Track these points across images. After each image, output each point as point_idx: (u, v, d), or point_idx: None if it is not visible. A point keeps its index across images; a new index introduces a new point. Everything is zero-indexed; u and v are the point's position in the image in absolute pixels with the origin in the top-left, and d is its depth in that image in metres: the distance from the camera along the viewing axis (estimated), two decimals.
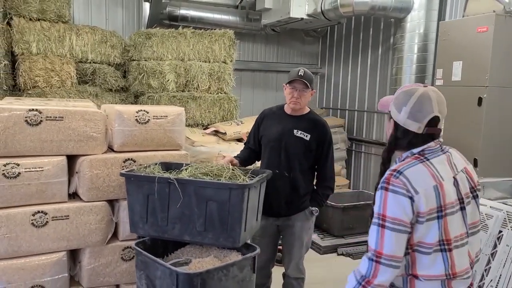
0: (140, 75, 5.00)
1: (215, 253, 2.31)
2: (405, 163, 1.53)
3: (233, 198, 2.16)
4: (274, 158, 2.70)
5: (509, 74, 3.94)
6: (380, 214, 1.49)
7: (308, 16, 5.42)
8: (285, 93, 2.71)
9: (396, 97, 1.60)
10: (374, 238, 1.50)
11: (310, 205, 2.78)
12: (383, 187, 1.50)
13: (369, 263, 1.51)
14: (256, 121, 2.88)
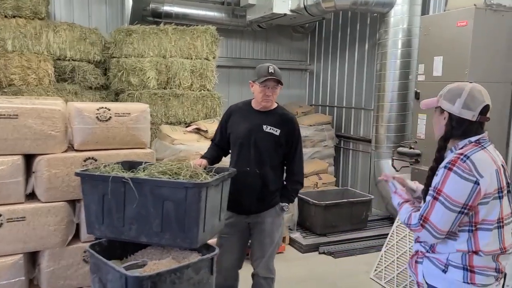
0: (120, 72, 4.92)
1: (174, 255, 2.25)
2: (469, 149, 1.69)
3: (190, 198, 2.09)
4: (244, 155, 2.64)
5: (488, 68, 3.87)
6: (437, 189, 1.66)
7: (292, 12, 5.34)
8: (253, 90, 2.64)
9: (447, 92, 1.78)
10: (424, 207, 1.69)
11: (280, 201, 2.75)
12: (447, 167, 1.65)
13: (417, 221, 1.70)
14: (223, 117, 2.82)
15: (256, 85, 2.59)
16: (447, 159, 1.69)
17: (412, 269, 1.87)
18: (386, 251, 3.78)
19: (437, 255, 1.74)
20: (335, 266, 4.11)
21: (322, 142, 6.40)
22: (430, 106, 1.86)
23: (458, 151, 1.69)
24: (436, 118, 1.83)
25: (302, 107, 6.84)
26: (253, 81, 2.63)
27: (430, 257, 1.77)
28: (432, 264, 1.75)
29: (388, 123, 5.05)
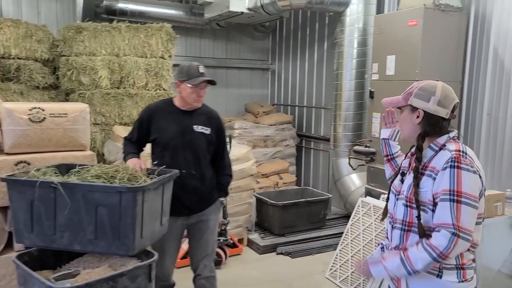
0: (69, 71, 4.72)
1: (112, 262, 2.14)
2: (459, 145, 1.67)
3: (125, 202, 1.99)
4: (178, 158, 2.56)
5: (437, 67, 3.93)
6: (455, 191, 1.56)
7: (249, 10, 5.28)
8: (181, 90, 2.56)
9: (419, 90, 1.73)
10: (448, 214, 1.56)
11: (218, 196, 2.79)
12: (454, 166, 1.58)
13: (451, 237, 1.54)
14: (142, 117, 2.65)
15: (186, 86, 2.51)
16: (443, 158, 1.62)
17: (393, 280, 1.78)
18: (340, 250, 3.77)
19: None
20: (292, 266, 4.08)
21: (283, 142, 6.38)
22: (396, 104, 1.80)
23: (453, 149, 1.64)
24: (406, 116, 1.76)
25: (264, 107, 6.81)
26: (181, 81, 2.54)
27: None
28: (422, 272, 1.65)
29: (345, 122, 5.07)
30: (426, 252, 1.58)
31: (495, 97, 3.99)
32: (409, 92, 1.77)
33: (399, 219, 1.74)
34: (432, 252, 1.56)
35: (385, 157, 2.13)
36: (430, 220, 1.64)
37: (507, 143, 3.90)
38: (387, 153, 2.11)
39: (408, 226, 1.71)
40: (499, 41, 3.92)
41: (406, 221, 1.71)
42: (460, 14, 4.05)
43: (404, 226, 1.73)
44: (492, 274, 3.53)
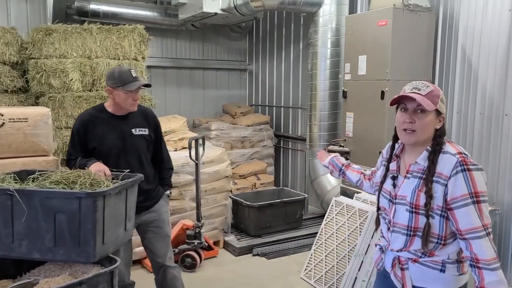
0: (39, 74, 4.61)
1: (73, 270, 2.09)
2: (456, 147, 1.70)
3: (84, 208, 1.94)
4: (120, 164, 2.52)
5: (407, 67, 3.98)
6: (473, 193, 1.59)
7: (223, 11, 5.25)
8: (114, 96, 2.55)
9: (439, 93, 1.71)
10: (476, 217, 1.59)
11: (164, 190, 2.89)
12: (464, 169, 1.61)
13: (488, 239, 1.59)
14: (78, 129, 2.59)
15: (120, 91, 2.52)
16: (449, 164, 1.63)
17: (398, 278, 1.79)
18: (315, 250, 3.78)
19: (434, 257, 1.70)
20: (268, 267, 4.07)
21: (261, 142, 6.38)
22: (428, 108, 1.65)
23: (454, 152, 1.65)
24: (431, 120, 1.68)
25: (241, 107, 6.79)
26: (114, 87, 2.53)
27: (423, 261, 1.72)
28: (426, 267, 1.71)
29: (320, 122, 5.09)
30: (495, 271, 1.58)
31: (464, 96, 4.05)
32: (435, 94, 1.68)
33: (402, 224, 1.74)
34: (495, 265, 1.58)
35: (339, 174, 2.28)
36: (437, 226, 1.67)
37: (475, 141, 3.97)
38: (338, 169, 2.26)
39: (414, 231, 1.71)
40: (466, 41, 3.99)
41: (412, 227, 1.71)
42: (429, 14, 4.10)
43: (409, 232, 1.72)
44: None
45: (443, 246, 1.68)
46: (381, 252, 1.90)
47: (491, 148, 3.85)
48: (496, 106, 3.81)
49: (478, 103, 3.94)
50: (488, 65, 3.83)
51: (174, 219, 4.07)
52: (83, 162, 2.41)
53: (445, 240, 1.68)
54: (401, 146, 1.85)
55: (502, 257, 3.78)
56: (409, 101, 1.70)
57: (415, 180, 1.72)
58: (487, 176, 2.71)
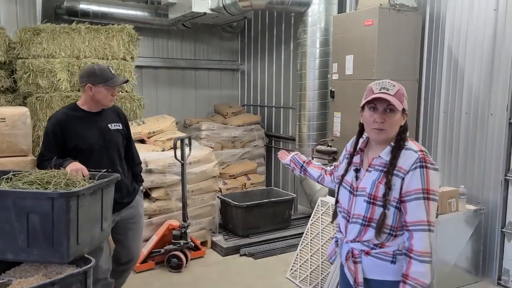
0: (26, 74, 4.61)
1: (47, 271, 2.08)
2: (419, 145, 1.78)
3: (57, 209, 1.93)
4: (103, 160, 2.61)
5: (393, 67, 3.98)
6: (425, 189, 1.67)
7: (212, 11, 5.25)
8: (94, 93, 2.60)
9: (404, 91, 1.77)
10: (423, 211, 1.67)
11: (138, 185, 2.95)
12: (423, 166, 1.69)
13: (429, 234, 1.68)
14: (54, 130, 2.57)
15: (101, 87, 2.59)
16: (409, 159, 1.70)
17: (351, 271, 1.83)
18: (301, 250, 3.78)
19: (385, 249, 1.76)
20: (254, 267, 4.07)
21: (252, 142, 6.37)
22: (398, 108, 1.72)
23: (416, 149, 1.73)
24: (399, 118, 1.75)
25: (232, 108, 6.78)
26: (95, 83, 2.58)
27: (374, 253, 1.78)
28: (378, 259, 1.77)
29: (310, 122, 5.09)
30: (423, 264, 1.66)
31: (450, 95, 4.06)
32: (401, 93, 1.75)
33: (359, 215, 1.79)
34: (426, 258, 1.66)
35: (301, 171, 2.30)
36: (391, 217, 1.73)
37: (462, 141, 3.97)
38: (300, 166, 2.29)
39: (368, 222, 1.77)
40: (453, 41, 3.99)
41: (367, 217, 1.77)
42: (416, 13, 4.10)
43: (364, 221, 1.78)
44: (448, 268, 3.60)
45: (394, 237, 1.75)
46: (336, 245, 1.96)
47: (477, 148, 3.85)
48: (481, 106, 3.81)
49: (464, 103, 3.95)
50: (474, 65, 3.84)
51: (160, 219, 4.07)
52: (59, 162, 2.39)
53: (396, 232, 1.74)
54: (365, 141, 1.91)
55: (488, 256, 3.79)
56: (380, 101, 1.74)
57: (376, 173, 1.78)
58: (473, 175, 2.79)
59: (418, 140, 4.32)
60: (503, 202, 3.66)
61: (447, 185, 4.04)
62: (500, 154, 3.65)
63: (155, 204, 4.04)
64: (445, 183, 4.10)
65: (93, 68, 2.65)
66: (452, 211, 3.58)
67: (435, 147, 4.20)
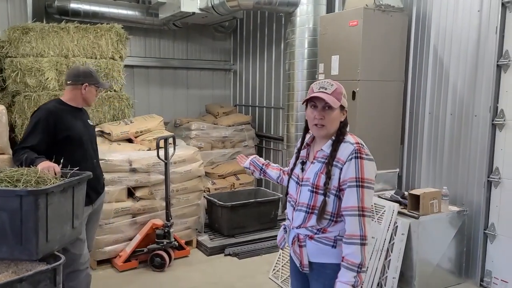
0: (14, 73, 4.61)
1: (17, 268, 2.08)
2: (355, 138, 1.92)
3: (26, 206, 1.94)
4: (88, 151, 2.84)
5: (378, 67, 3.98)
6: (359, 178, 1.81)
7: (201, 11, 5.25)
8: (86, 92, 2.83)
9: (342, 90, 1.94)
10: (355, 198, 1.81)
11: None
12: (358, 156, 1.83)
13: (358, 219, 1.80)
14: (46, 120, 2.66)
15: (93, 88, 2.85)
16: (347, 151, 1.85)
17: (296, 254, 1.98)
18: (283, 250, 3.78)
19: (327, 234, 1.90)
20: (238, 267, 4.07)
21: (242, 142, 6.37)
22: (334, 105, 1.87)
23: (353, 141, 1.88)
24: (337, 115, 1.91)
25: (224, 108, 6.78)
26: (90, 84, 2.81)
27: (317, 237, 1.91)
28: (320, 243, 1.91)
29: (297, 122, 5.08)
30: (352, 245, 1.80)
31: (435, 96, 4.06)
32: (339, 92, 1.92)
33: (304, 203, 1.93)
34: (355, 240, 1.80)
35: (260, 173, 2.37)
36: (331, 204, 1.88)
37: (446, 142, 3.97)
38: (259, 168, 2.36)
39: (312, 209, 1.91)
40: (438, 41, 3.99)
41: (311, 205, 1.91)
42: (401, 14, 4.10)
43: (308, 209, 1.92)
44: (431, 268, 3.60)
45: (334, 223, 1.90)
46: (284, 232, 2.09)
47: (461, 149, 3.85)
48: (466, 107, 3.81)
49: (449, 104, 3.95)
50: (459, 66, 3.84)
51: (144, 219, 4.07)
52: (32, 159, 2.41)
53: (336, 218, 1.89)
54: (312, 136, 2.05)
55: (471, 257, 3.79)
56: (318, 100, 1.90)
57: (319, 165, 1.93)
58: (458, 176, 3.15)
59: (404, 140, 4.33)
60: (486, 204, 3.66)
61: (432, 186, 4.05)
62: (484, 155, 3.65)
63: (139, 203, 4.05)
64: (430, 184, 4.11)
65: (88, 69, 2.92)
66: (434, 212, 3.58)
67: (420, 148, 4.21)
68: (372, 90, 3.96)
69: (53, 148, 2.62)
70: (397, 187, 4.26)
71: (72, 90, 2.82)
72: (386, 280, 3.46)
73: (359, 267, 1.79)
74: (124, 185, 3.93)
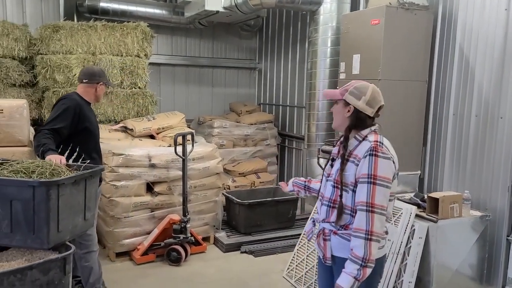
0: (44, 69, 4.81)
1: (32, 256, 2.17)
2: (377, 137, 1.98)
3: (38, 197, 2.01)
4: (97, 143, 3.10)
5: (400, 67, 3.89)
6: (372, 175, 1.87)
7: (225, 9, 5.29)
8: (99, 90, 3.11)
9: (354, 89, 2.04)
10: (365, 193, 1.87)
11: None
12: (372, 154, 1.90)
13: (366, 214, 1.86)
14: (74, 109, 2.91)
15: (103, 87, 3.13)
16: (364, 148, 1.93)
17: (320, 247, 2.09)
18: (298, 250, 3.76)
19: (349, 230, 1.96)
20: (253, 265, 4.08)
21: (264, 141, 6.38)
22: (333, 98, 2.10)
23: (372, 139, 1.95)
24: (339, 109, 2.07)
25: (247, 106, 6.82)
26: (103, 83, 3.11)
27: (340, 233, 2.01)
28: (342, 239, 1.99)
29: (318, 122, 5.04)
30: (357, 239, 1.87)
31: (460, 97, 3.93)
32: (345, 88, 2.06)
33: (327, 197, 2.06)
34: (360, 234, 1.86)
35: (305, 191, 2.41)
36: (349, 199, 1.97)
37: (470, 144, 3.83)
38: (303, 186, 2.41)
39: (333, 203, 2.02)
40: (464, 40, 3.86)
41: (332, 199, 2.03)
42: (426, 12, 3.99)
43: (330, 203, 2.04)
44: (449, 274, 3.49)
45: (354, 219, 1.93)
46: (313, 225, 2.21)
47: (486, 152, 3.71)
48: (491, 109, 3.67)
49: (474, 105, 3.81)
50: (485, 66, 3.70)
51: (162, 213, 4.15)
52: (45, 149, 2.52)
53: (355, 213, 1.93)
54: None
55: (493, 264, 3.65)
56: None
57: (339, 161, 2.03)
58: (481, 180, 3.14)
59: (426, 142, 4.22)
60: (510, 209, 3.52)
61: (454, 189, 3.93)
62: (509, 159, 3.50)
63: (158, 198, 4.13)
64: (452, 187, 3.98)
65: (101, 69, 3.22)
66: (454, 216, 3.47)
67: (443, 150, 4.08)
68: (394, 90, 3.87)
69: (72, 136, 2.84)
70: (418, 189, 4.15)
71: (86, 88, 3.06)
72: (402, 284, 3.38)
73: (363, 261, 1.84)
74: (143, 180, 4.02)
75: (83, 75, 3.09)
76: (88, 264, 3.06)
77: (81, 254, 3.03)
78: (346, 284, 1.85)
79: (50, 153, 2.48)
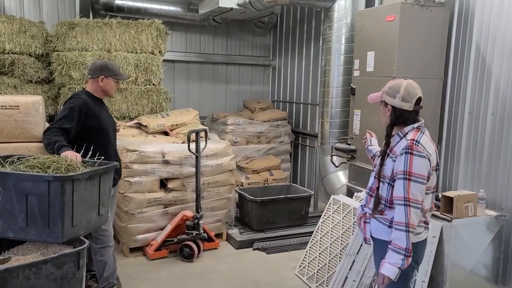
0: (60, 66, 4.88)
1: (47, 250, 2.22)
2: (415, 135, 2.13)
3: (53, 191, 2.06)
4: (110, 139, 3.08)
5: (415, 64, 3.84)
6: (407, 172, 2.05)
7: (239, 6, 5.29)
8: (105, 84, 3.05)
9: (388, 89, 2.21)
10: (402, 189, 2.06)
11: None
12: (408, 152, 2.07)
13: (404, 208, 2.05)
14: (80, 108, 2.89)
15: (111, 80, 3.06)
16: (402, 146, 2.10)
17: (361, 228, 2.37)
18: (310, 247, 3.75)
19: (385, 216, 2.21)
20: (265, 262, 4.09)
21: (277, 138, 6.37)
22: (376, 100, 2.27)
23: (409, 138, 2.10)
24: (382, 110, 2.25)
25: (261, 103, 6.81)
26: (107, 76, 3.03)
27: (378, 217, 2.24)
28: (380, 222, 2.23)
29: (331, 119, 5.02)
30: (398, 231, 2.05)
31: (476, 95, 3.86)
32: (383, 90, 2.24)
33: (368, 186, 2.33)
34: (401, 227, 2.05)
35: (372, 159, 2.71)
36: (384, 191, 2.18)
37: (486, 143, 3.77)
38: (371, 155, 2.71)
39: (372, 192, 2.29)
40: (481, 38, 3.79)
41: (372, 188, 2.28)
42: (442, 9, 3.92)
43: (370, 191, 2.31)
44: (463, 274, 3.44)
45: (389, 208, 2.18)
46: (361, 209, 2.42)
47: (502, 150, 3.64)
48: (508, 107, 3.59)
49: (491, 103, 3.74)
50: (502, 64, 3.62)
51: (175, 210, 4.18)
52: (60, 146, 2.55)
53: (390, 204, 2.16)
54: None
55: (509, 265, 3.59)
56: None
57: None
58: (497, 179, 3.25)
59: (442, 140, 4.16)
60: None
61: (470, 188, 3.86)
62: None
63: (171, 194, 4.16)
64: (468, 186, 3.92)
65: (105, 62, 3.12)
66: (469, 216, 3.41)
67: (458, 148, 4.02)
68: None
69: (80, 134, 2.86)
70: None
71: (92, 83, 3.07)
72: (415, 283, 3.35)
73: (406, 251, 2.02)
74: (157, 176, 4.05)
75: (88, 71, 3.16)
76: (103, 258, 3.11)
77: (96, 249, 3.07)
78: (391, 274, 2.03)
79: (65, 149, 2.52)
